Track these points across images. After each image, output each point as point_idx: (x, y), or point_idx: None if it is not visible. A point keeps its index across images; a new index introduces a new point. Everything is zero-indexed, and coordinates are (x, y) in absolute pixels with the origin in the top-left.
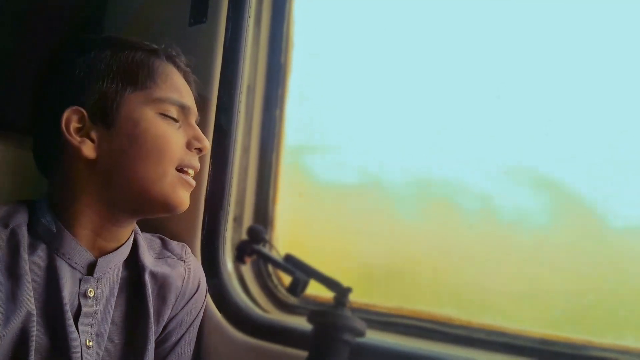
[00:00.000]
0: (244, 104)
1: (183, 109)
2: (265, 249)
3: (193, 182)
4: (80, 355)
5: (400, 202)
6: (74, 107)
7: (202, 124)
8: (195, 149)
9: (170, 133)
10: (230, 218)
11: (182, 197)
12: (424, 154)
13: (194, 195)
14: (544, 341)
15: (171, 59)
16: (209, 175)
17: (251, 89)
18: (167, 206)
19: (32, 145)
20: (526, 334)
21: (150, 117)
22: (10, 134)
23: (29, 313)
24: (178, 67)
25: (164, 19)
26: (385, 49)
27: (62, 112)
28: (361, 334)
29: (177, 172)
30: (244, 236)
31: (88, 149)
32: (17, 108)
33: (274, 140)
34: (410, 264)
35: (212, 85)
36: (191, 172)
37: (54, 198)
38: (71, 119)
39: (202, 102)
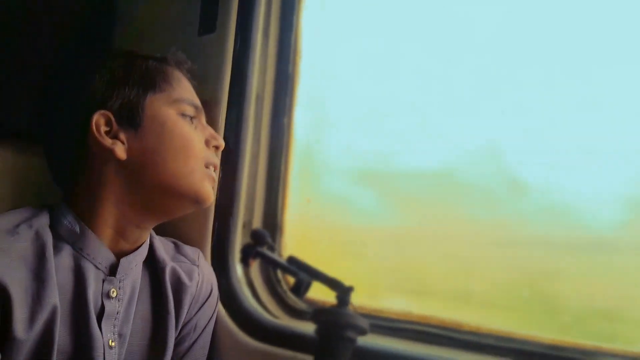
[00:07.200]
0: (252, 112)
1: (197, 109)
2: (269, 252)
3: (215, 177)
4: (102, 355)
5: None
6: (102, 111)
7: None
8: (212, 146)
9: (193, 132)
10: (240, 224)
11: (210, 190)
12: None
13: None
14: (554, 346)
15: (179, 65)
16: (219, 182)
17: (260, 98)
18: (196, 199)
19: (46, 154)
20: (535, 340)
21: (174, 117)
22: (10, 140)
23: (54, 313)
24: (184, 73)
25: (174, 29)
26: (393, 57)
27: (89, 117)
28: (364, 331)
29: (204, 168)
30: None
31: (120, 150)
32: (17, 115)
33: (283, 147)
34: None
35: (222, 94)
36: (212, 168)
37: (74, 202)
38: (100, 123)
39: (211, 110)
